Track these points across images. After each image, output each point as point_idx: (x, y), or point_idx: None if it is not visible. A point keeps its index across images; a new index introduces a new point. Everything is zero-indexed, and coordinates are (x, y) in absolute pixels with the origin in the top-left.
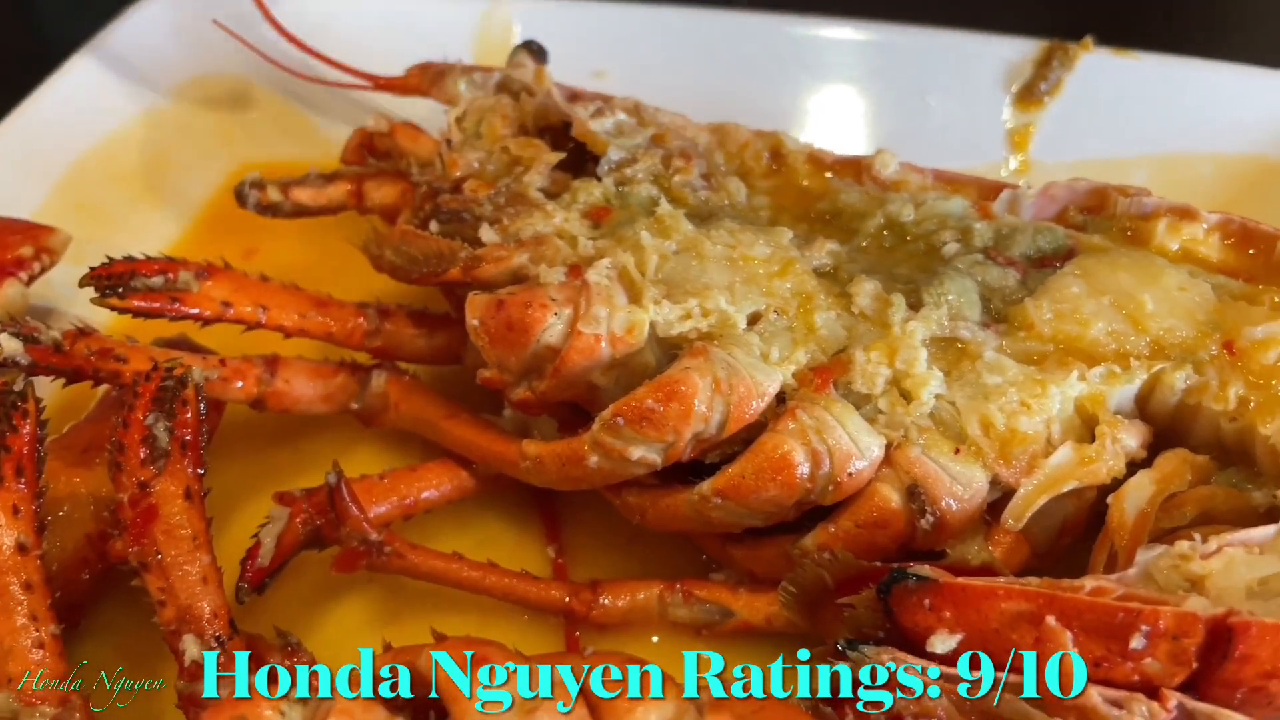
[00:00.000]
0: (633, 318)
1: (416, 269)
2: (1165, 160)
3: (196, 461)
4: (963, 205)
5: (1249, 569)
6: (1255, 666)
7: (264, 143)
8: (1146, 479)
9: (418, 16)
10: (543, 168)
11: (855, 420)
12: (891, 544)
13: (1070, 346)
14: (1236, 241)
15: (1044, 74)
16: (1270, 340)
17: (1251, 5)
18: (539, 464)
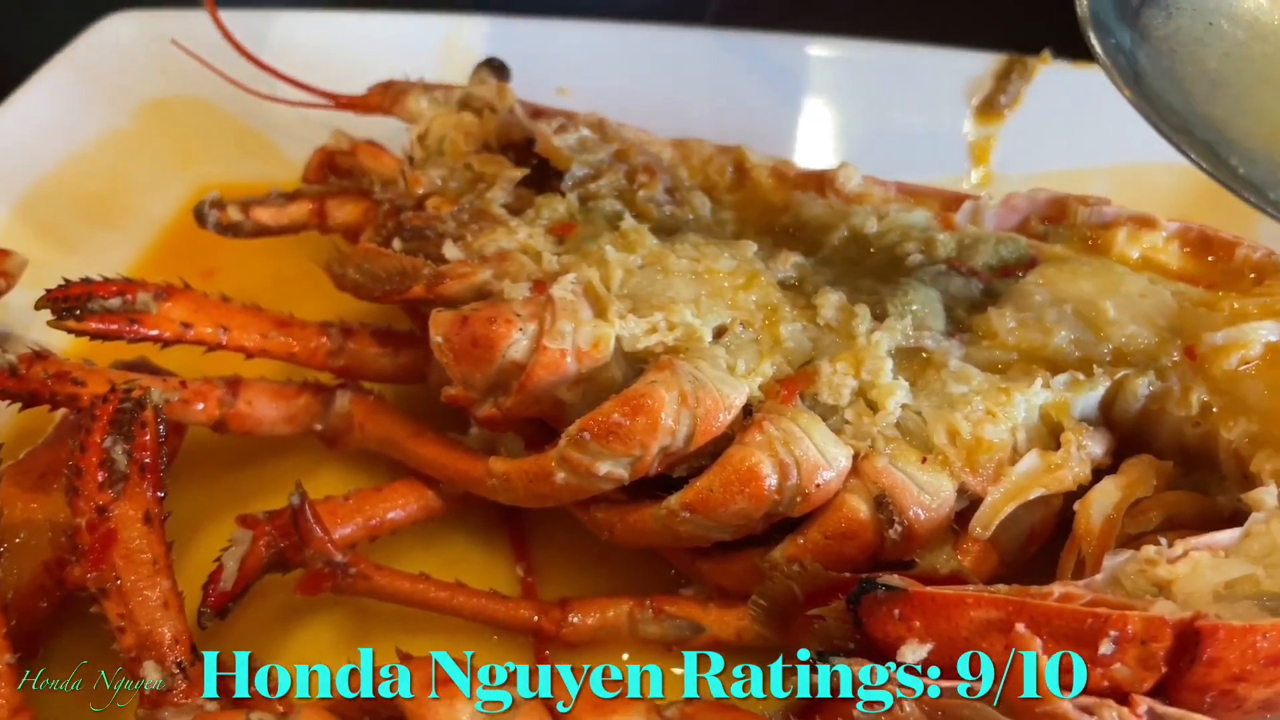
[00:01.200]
0: (598, 332)
1: (380, 287)
2: (1124, 170)
3: (156, 484)
4: (926, 217)
5: (1215, 573)
6: (1223, 670)
7: (225, 163)
8: (1112, 485)
9: (381, 36)
10: (506, 184)
11: (822, 431)
12: (860, 555)
13: (1034, 355)
14: (1196, 249)
15: (1004, 87)
16: (1230, 345)
17: None
18: (506, 481)
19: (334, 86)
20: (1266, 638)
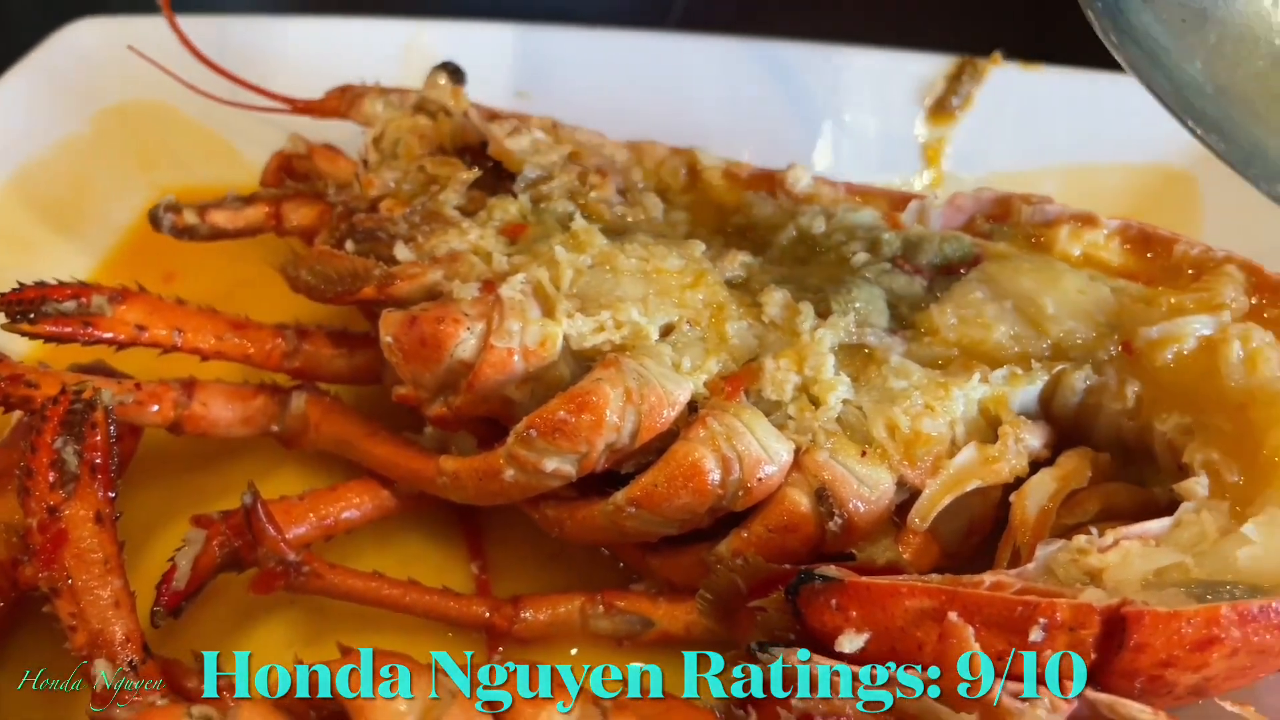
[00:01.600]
0: (545, 331)
1: (332, 288)
2: (1074, 170)
3: (107, 485)
4: (873, 216)
5: (1145, 561)
6: (1151, 655)
7: (185, 168)
8: (1048, 476)
9: (343, 42)
10: (458, 186)
11: (764, 426)
12: (803, 547)
13: (974, 350)
14: (1136, 245)
15: (955, 89)
16: (1166, 340)
17: None
18: (456, 479)
19: (297, 92)
20: (1191, 623)
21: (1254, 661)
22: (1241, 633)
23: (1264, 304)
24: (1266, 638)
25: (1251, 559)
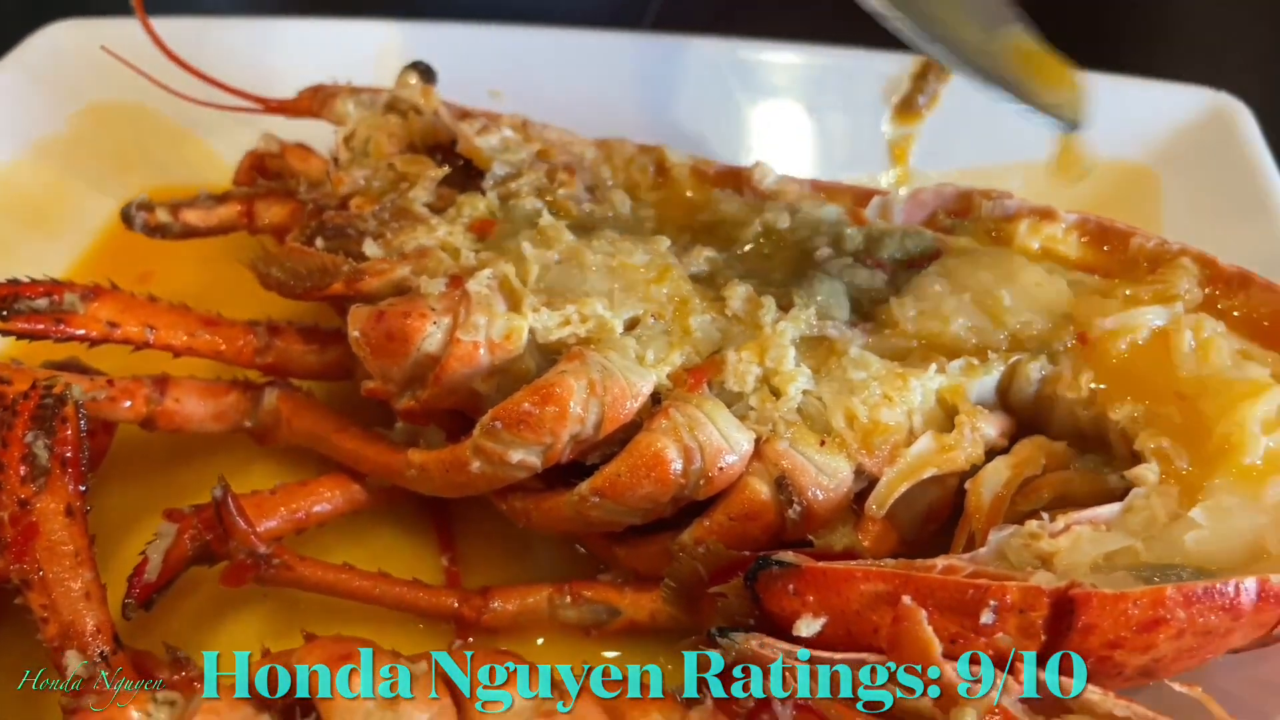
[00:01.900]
0: (510, 324)
1: (301, 284)
2: (1037, 167)
3: (78, 478)
4: (836, 212)
5: (1094, 545)
6: (1099, 636)
7: (161, 169)
8: (1002, 464)
9: (319, 43)
10: (428, 183)
11: (725, 416)
12: (764, 535)
13: (933, 342)
14: (1093, 239)
15: (921, 87)
16: (1120, 330)
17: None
18: (424, 472)
19: (273, 93)
20: (1137, 605)
21: (1200, 643)
22: (1187, 614)
23: (1217, 295)
24: (1211, 619)
25: (1199, 542)
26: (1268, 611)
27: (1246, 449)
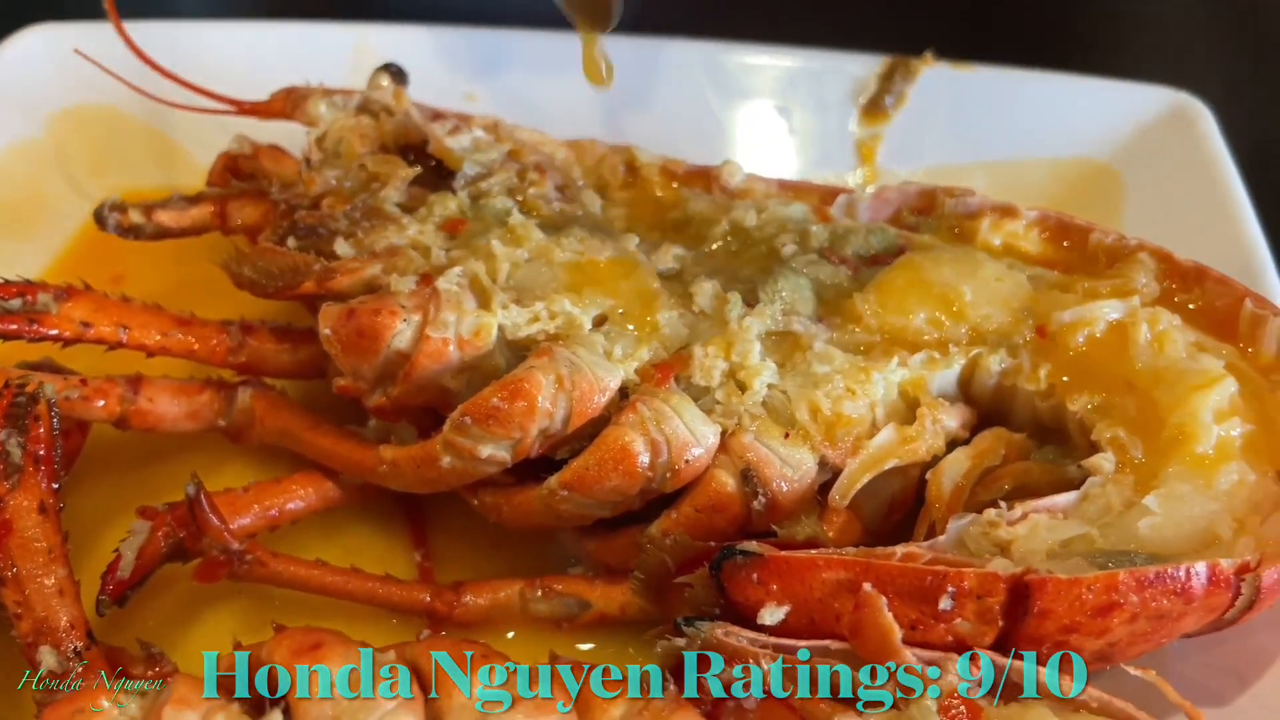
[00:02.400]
0: (480, 322)
1: (273, 283)
2: (1002, 166)
3: (51, 476)
4: (803, 210)
5: (1051, 533)
6: (1054, 621)
7: (137, 172)
8: (963, 455)
9: (294, 46)
10: (399, 183)
11: (692, 410)
12: (730, 526)
13: (896, 336)
14: (1053, 235)
15: (888, 88)
16: (1078, 323)
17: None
18: (395, 467)
19: (246, 96)
20: (1091, 589)
21: (1154, 627)
22: (1140, 598)
23: (1174, 289)
24: (1164, 602)
25: (1152, 529)
26: (1218, 595)
27: (1199, 438)
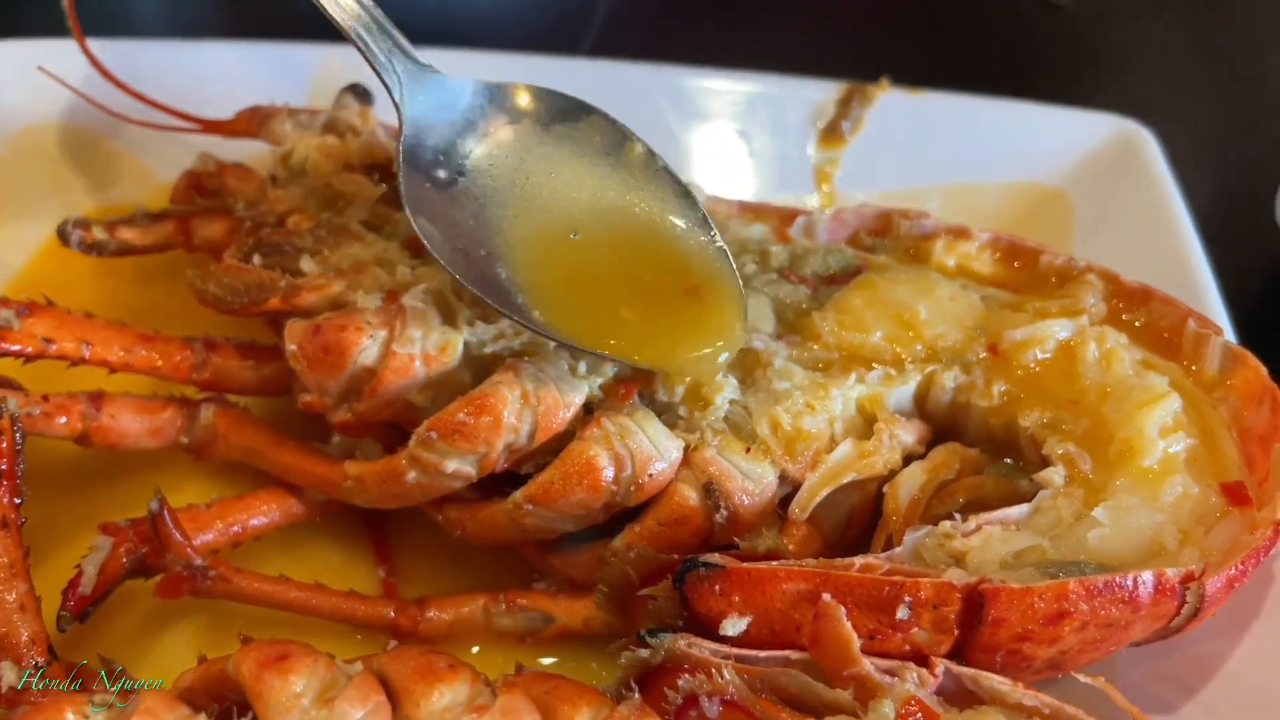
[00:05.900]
0: (446, 338)
1: (238, 300)
2: (955, 190)
3: (14, 491)
4: (763, 231)
5: (1004, 544)
6: (1008, 629)
7: (99, 190)
8: (918, 469)
9: (255, 65)
10: (365, 202)
11: (655, 425)
12: (693, 539)
13: (854, 354)
14: (1005, 256)
15: (845, 113)
16: (1029, 341)
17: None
18: (360, 483)
19: (210, 115)
20: (1043, 598)
21: (1104, 634)
22: (1089, 606)
23: (1121, 309)
24: (1113, 611)
25: (1101, 540)
26: (1164, 603)
27: (1145, 452)
